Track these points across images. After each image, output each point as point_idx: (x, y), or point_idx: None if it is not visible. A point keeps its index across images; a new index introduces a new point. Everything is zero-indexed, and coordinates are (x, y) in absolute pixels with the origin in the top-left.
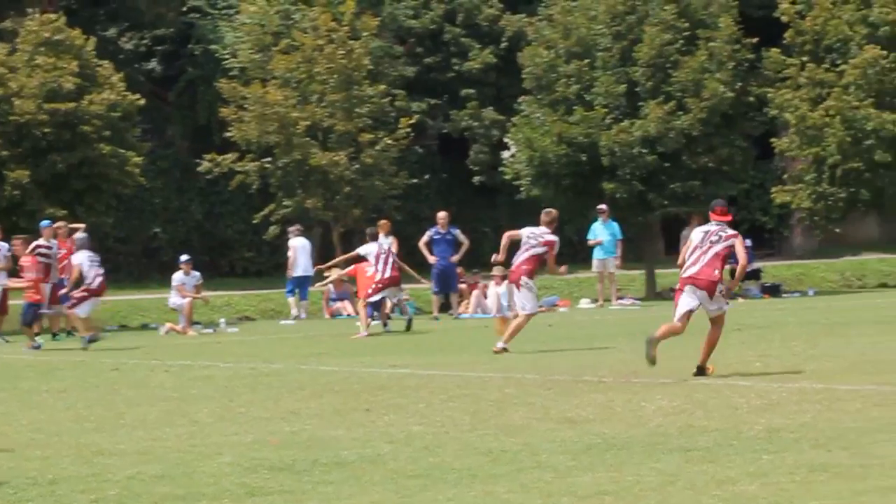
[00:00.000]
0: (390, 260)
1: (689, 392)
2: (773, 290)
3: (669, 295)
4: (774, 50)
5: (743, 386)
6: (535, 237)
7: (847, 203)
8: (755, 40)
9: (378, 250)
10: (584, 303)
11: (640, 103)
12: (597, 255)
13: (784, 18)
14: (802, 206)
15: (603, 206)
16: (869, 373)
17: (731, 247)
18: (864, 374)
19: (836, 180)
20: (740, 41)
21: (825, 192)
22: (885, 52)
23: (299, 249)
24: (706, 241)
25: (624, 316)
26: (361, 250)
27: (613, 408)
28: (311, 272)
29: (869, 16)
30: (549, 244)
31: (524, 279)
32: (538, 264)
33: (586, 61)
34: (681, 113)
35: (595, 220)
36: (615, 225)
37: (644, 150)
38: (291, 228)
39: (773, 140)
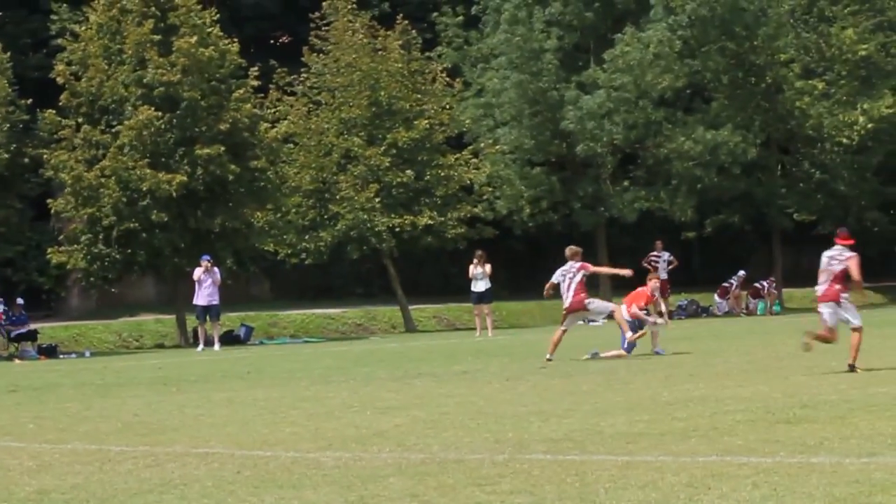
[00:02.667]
0: None
1: None
2: (50, 352)
3: None
4: (50, 111)
5: (15, 447)
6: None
7: (123, 264)
8: (30, 101)
9: None
10: None
11: None
12: None
13: (59, 80)
14: (79, 266)
15: None
16: (142, 433)
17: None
18: (136, 435)
19: (112, 241)
20: (15, 102)
21: (101, 252)
22: (159, 113)
23: None
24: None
25: None
26: None
27: None
28: None
29: (144, 77)
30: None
31: None
32: None
33: None
34: None
35: None
36: None
37: None
38: None
39: (49, 201)
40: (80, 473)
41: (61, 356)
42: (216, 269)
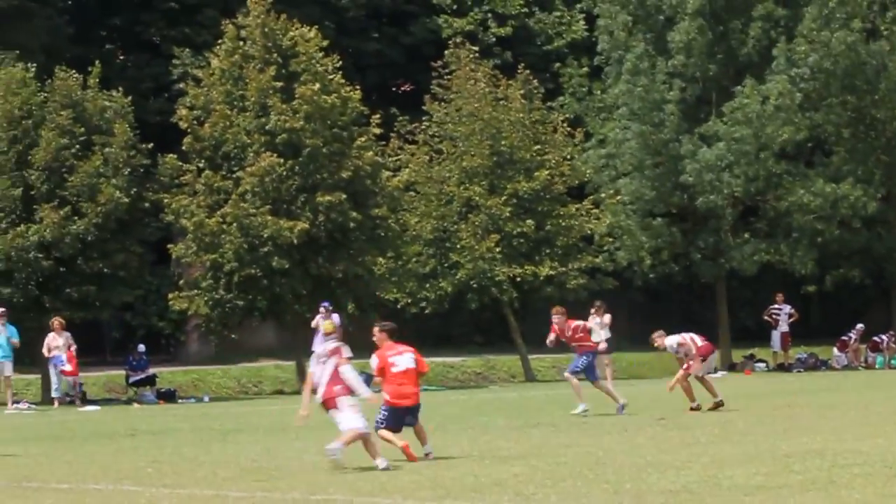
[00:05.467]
0: None
1: (81, 497)
2: (169, 396)
3: (65, 400)
4: (171, 156)
5: (134, 491)
6: None
7: (244, 310)
8: (151, 146)
9: None
10: None
11: (36, 207)
12: None
13: (182, 125)
14: (201, 312)
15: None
16: (260, 479)
17: None
18: (254, 481)
19: (233, 287)
20: (136, 147)
21: (222, 298)
22: (281, 160)
23: None
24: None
25: (19, 420)
26: None
27: None
28: None
29: (266, 124)
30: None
31: None
32: None
33: None
34: (76, 218)
35: None
36: (13, 328)
37: (40, 255)
38: None
39: (169, 246)
40: None
41: (180, 401)
42: (335, 315)
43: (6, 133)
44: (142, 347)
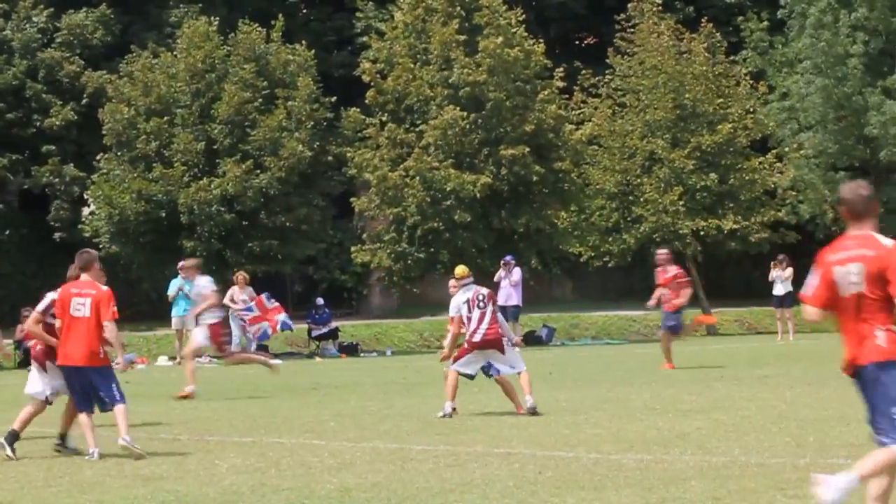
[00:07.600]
0: None
1: (263, 451)
2: (351, 350)
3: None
4: (354, 109)
5: (317, 445)
6: None
7: (426, 263)
8: (334, 99)
9: None
10: (163, 360)
11: (219, 161)
12: (176, 311)
13: (365, 78)
14: (383, 265)
15: (187, 262)
16: (443, 433)
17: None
18: (438, 435)
19: (415, 240)
20: (319, 100)
21: (405, 251)
22: (464, 113)
23: None
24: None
25: (200, 375)
26: None
27: (187, 466)
28: None
29: (449, 77)
30: None
31: None
32: None
33: (166, 118)
34: (259, 171)
35: (175, 275)
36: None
37: (222, 209)
38: None
39: (352, 199)
40: (381, 472)
41: (362, 354)
42: (516, 268)
43: (189, 87)
44: (320, 301)
